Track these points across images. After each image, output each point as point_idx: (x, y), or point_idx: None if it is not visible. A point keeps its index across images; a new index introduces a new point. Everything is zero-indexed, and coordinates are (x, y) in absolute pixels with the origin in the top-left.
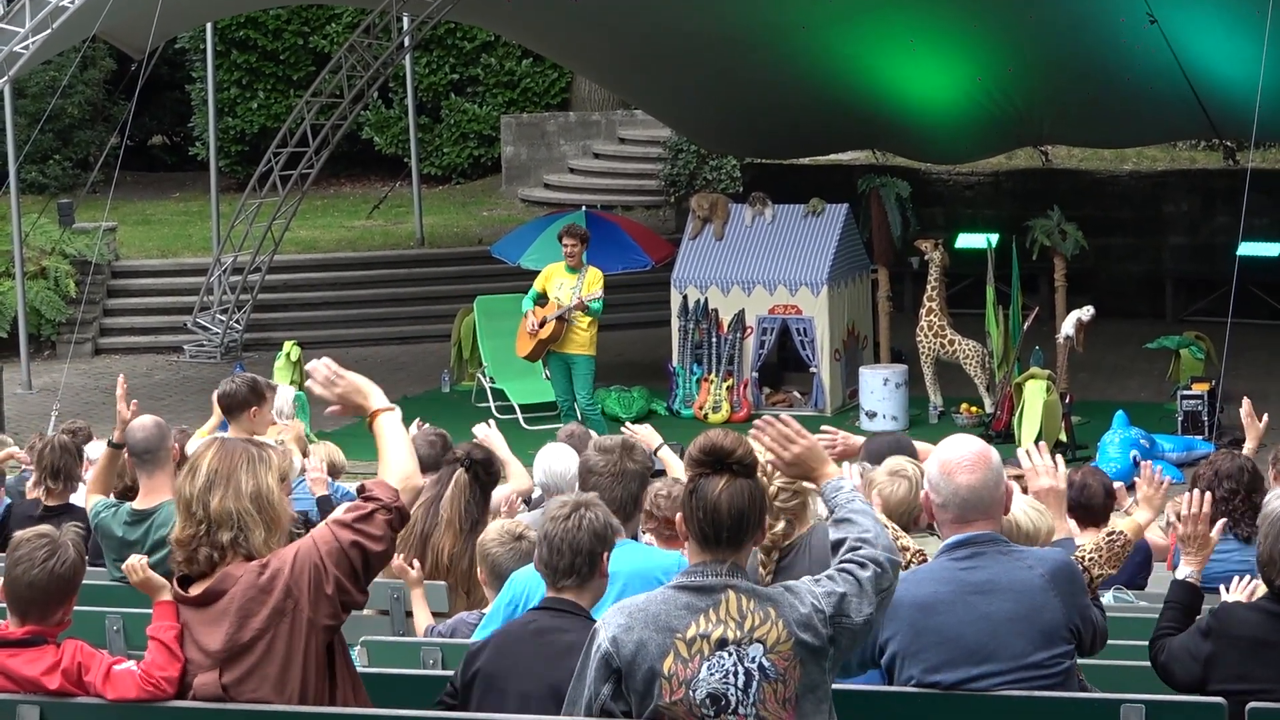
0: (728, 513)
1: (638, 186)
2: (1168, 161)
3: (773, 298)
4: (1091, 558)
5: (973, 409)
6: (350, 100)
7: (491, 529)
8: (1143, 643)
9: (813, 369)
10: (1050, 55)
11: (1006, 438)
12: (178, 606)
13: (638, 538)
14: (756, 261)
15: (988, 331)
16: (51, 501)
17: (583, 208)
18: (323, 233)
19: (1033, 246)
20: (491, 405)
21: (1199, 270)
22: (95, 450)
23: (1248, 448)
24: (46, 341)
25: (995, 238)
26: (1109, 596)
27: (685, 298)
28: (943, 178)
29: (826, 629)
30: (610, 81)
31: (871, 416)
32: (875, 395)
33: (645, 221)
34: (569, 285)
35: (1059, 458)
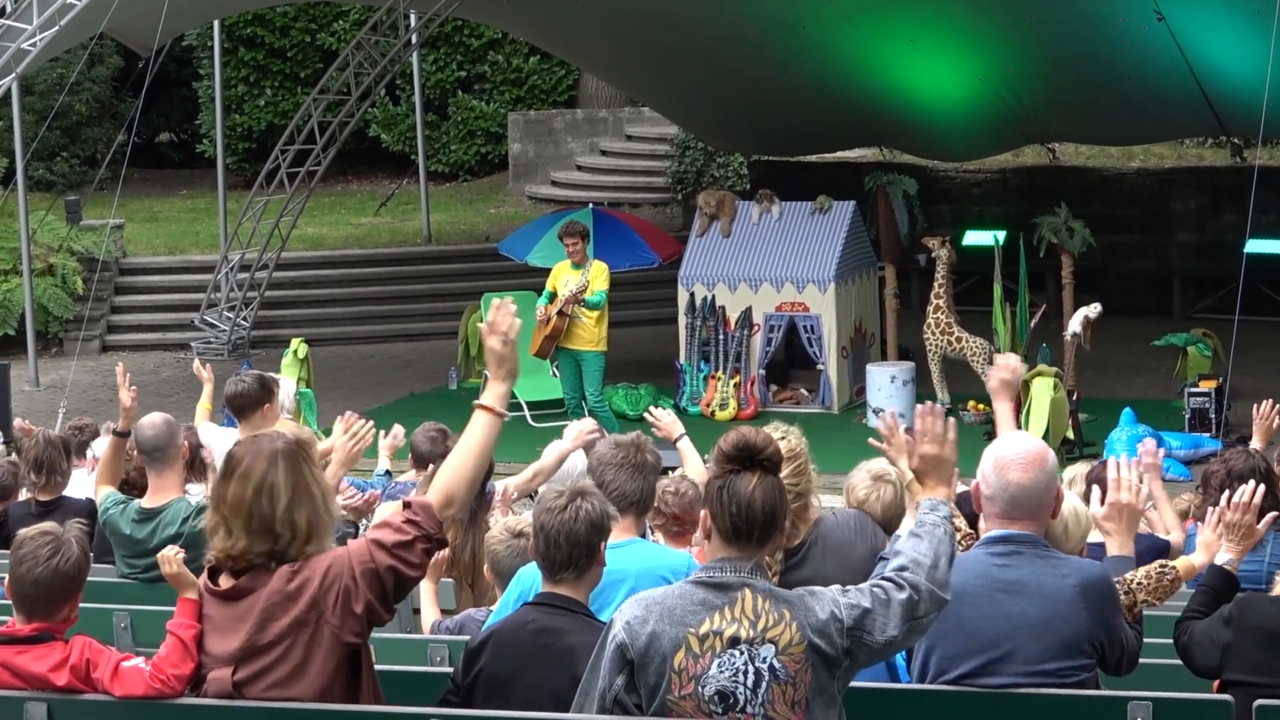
0: (761, 509)
1: (645, 184)
2: (1175, 159)
3: (780, 295)
4: (1140, 583)
5: (980, 406)
6: (357, 97)
7: (495, 527)
8: (1150, 640)
9: (820, 366)
10: (1058, 53)
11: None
12: (201, 603)
13: (646, 534)
14: (764, 259)
15: (995, 329)
16: (44, 496)
17: (590, 205)
18: (330, 230)
19: (1040, 244)
20: None
21: (1206, 267)
22: (102, 447)
23: (1255, 444)
24: (54, 339)
25: (1002, 235)
26: None
27: (692, 295)
28: (950, 175)
29: (843, 639)
30: (617, 79)
31: (879, 413)
32: (882, 392)
33: (652, 219)
34: (575, 282)
35: (1149, 480)
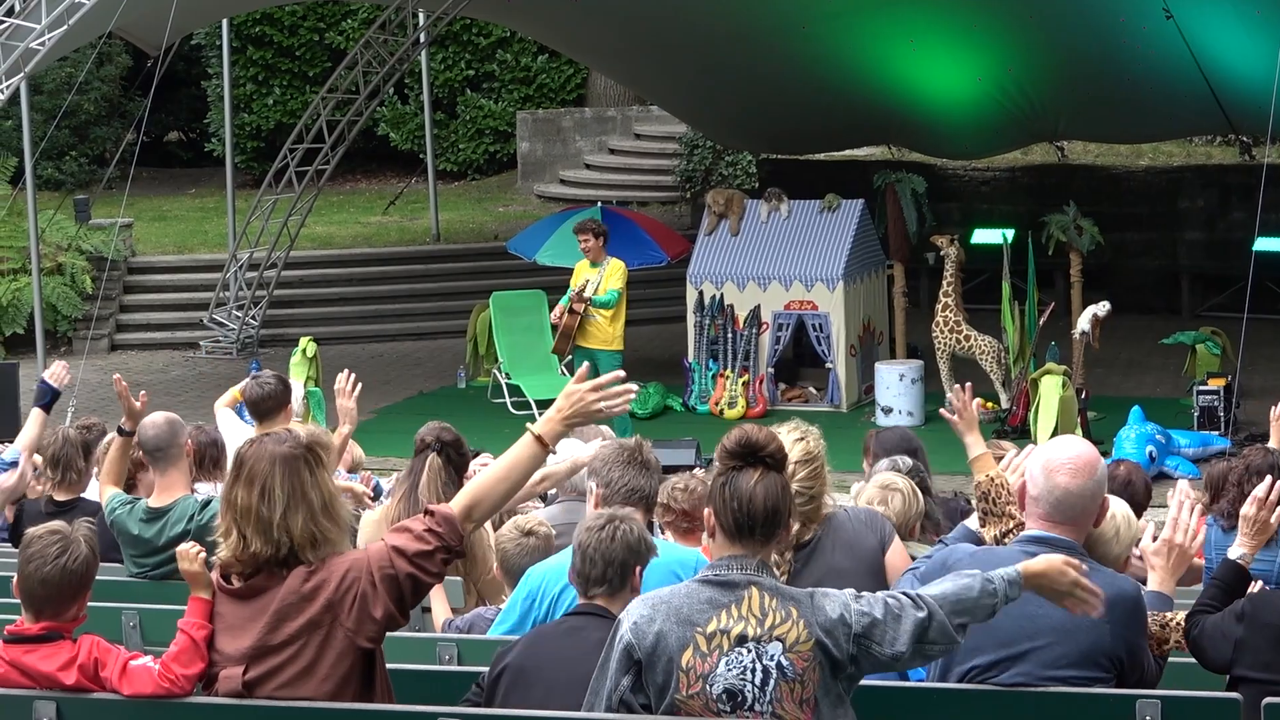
0: (762, 505)
1: (653, 182)
2: (1184, 157)
3: (788, 293)
4: (1180, 624)
5: (989, 404)
6: (366, 96)
7: (506, 525)
8: None
9: (828, 365)
10: (1065, 51)
11: (1022, 433)
12: (213, 603)
13: (652, 532)
14: (772, 257)
15: (1003, 327)
16: (61, 496)
17: (598, 204)
18: (338, 229)
19: (1048, 242)
20: (507, 401)
21: (1215, 266)
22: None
23: (1273, 444)
24: (63, 338)
25: (1011, 233)
26: None
27: (701, 293)
28: (959, 173)
29: (850, 645)
30: (626, 77)
31: (887, 412)
32: (891, 391)
33: (661, 217)
34: (592, 280)
35: (1203, 526)
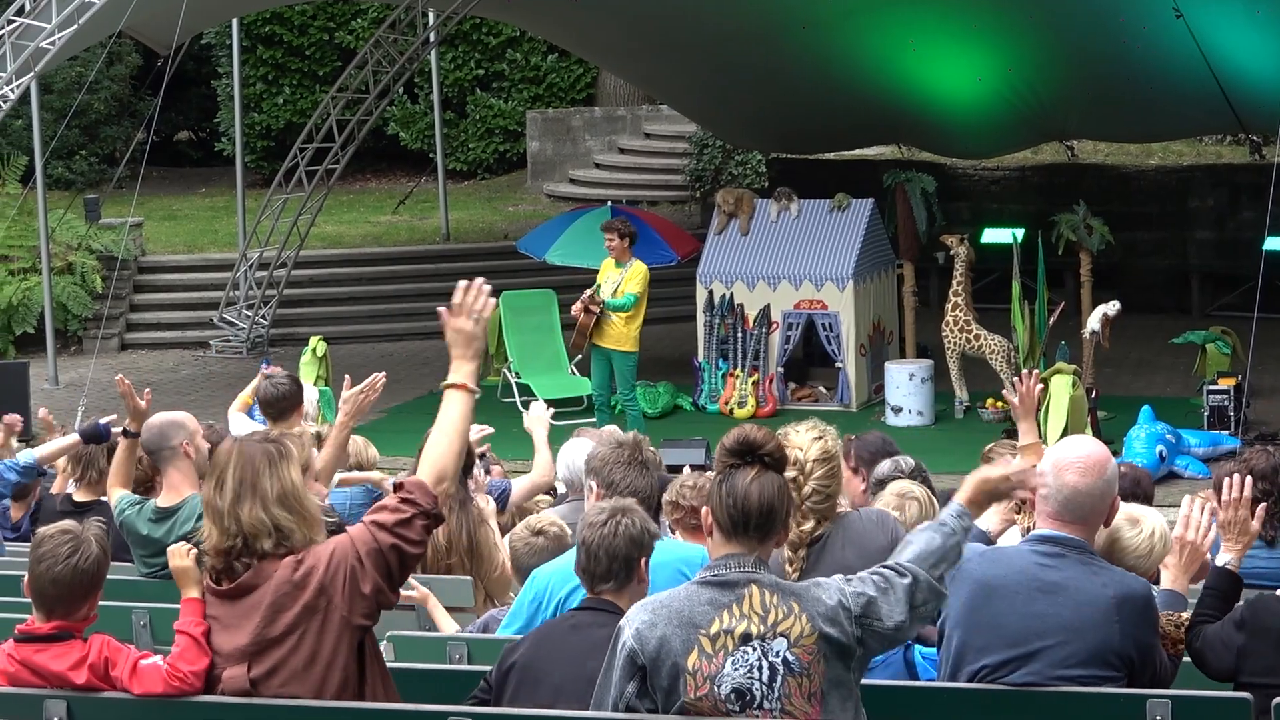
0: (757, 503)
1: (663, 182)
2: (1193, 156)
3: (798, 293)
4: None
5: (999, 404)
6: (376, 96)
7: (518, 525)
8: None
9: (838, 364)
10: (1074, 50)
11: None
12: (205, 602)
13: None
14: (782, 257)
15: (1013, 326)
16: (80, 496)
17: (608, 203)
18: (348, 228)
19: (1058, 241)
20: (517, 400)
21: (1225, 265)
22: None
23: None
24: (73, 337)
25: (1021, 233)
26: None
27: (711, 293)
28: (968, 173)
29: (853, 628)
30: (635, 77)
31: (897, 412)
32: (901, 390)
33: (671, 217)
34: (613, 280)
35: (1215, 526)
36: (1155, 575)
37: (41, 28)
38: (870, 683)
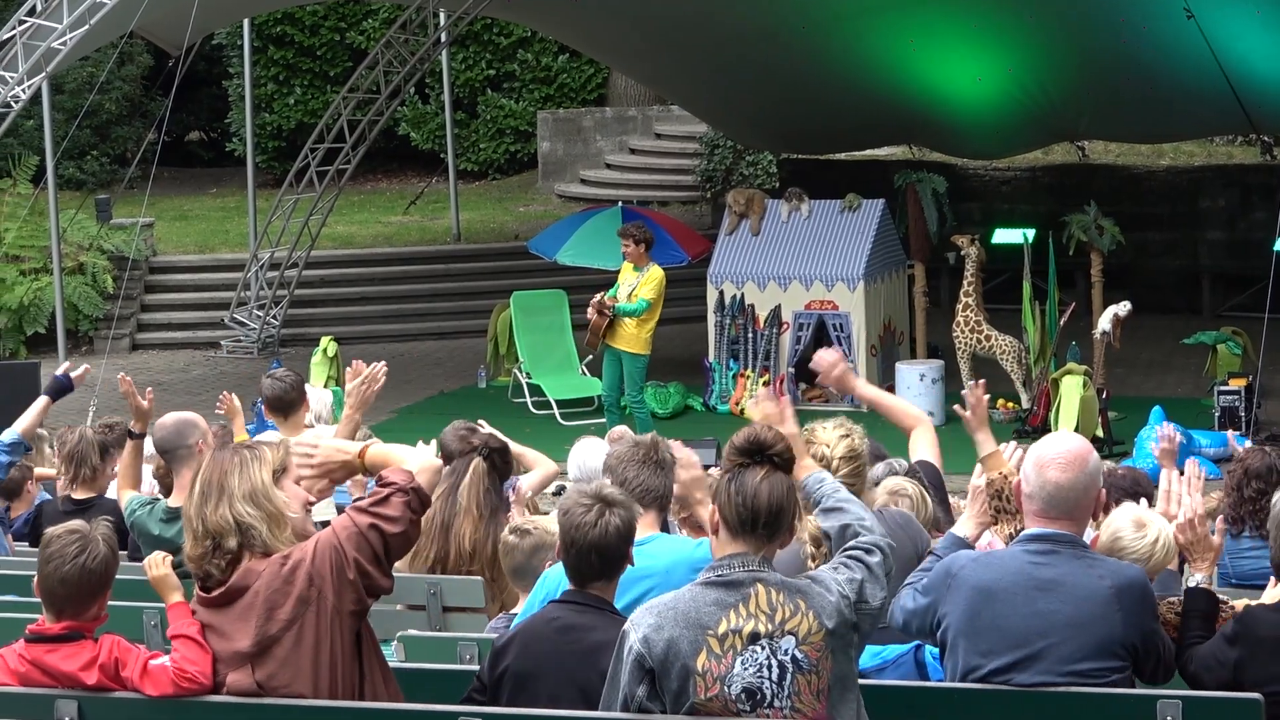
0: (766, 502)
1: (674, 182)
2: (1204, 157)
3: (809, 293)
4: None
5: (1009, 405)
6: (387, 96)
7: (505, 527)
8: None
9: (849, 365)
10: (1083, 50)
11: (1043, 433)
12: (188, 604)
13: (667, 528)
14: (793, 257)
15: (1024, 327)
16: (79, 494)
17: (619, 204)
18: (359, 228)
19: (1069, 242)
20: (528, 401)
21: (1236, 265)
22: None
23: None
24: (84, 337)
25: (1032, 233)
26: None
27: (721, 293)
28: (979, 173)
29: (852, 615)
30: (646, 77)
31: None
32: (912, 391)
33: (681, 217)
34: (629, 284)
35: (1200, 501)
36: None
37: (53, 28)
38: (880, 683)
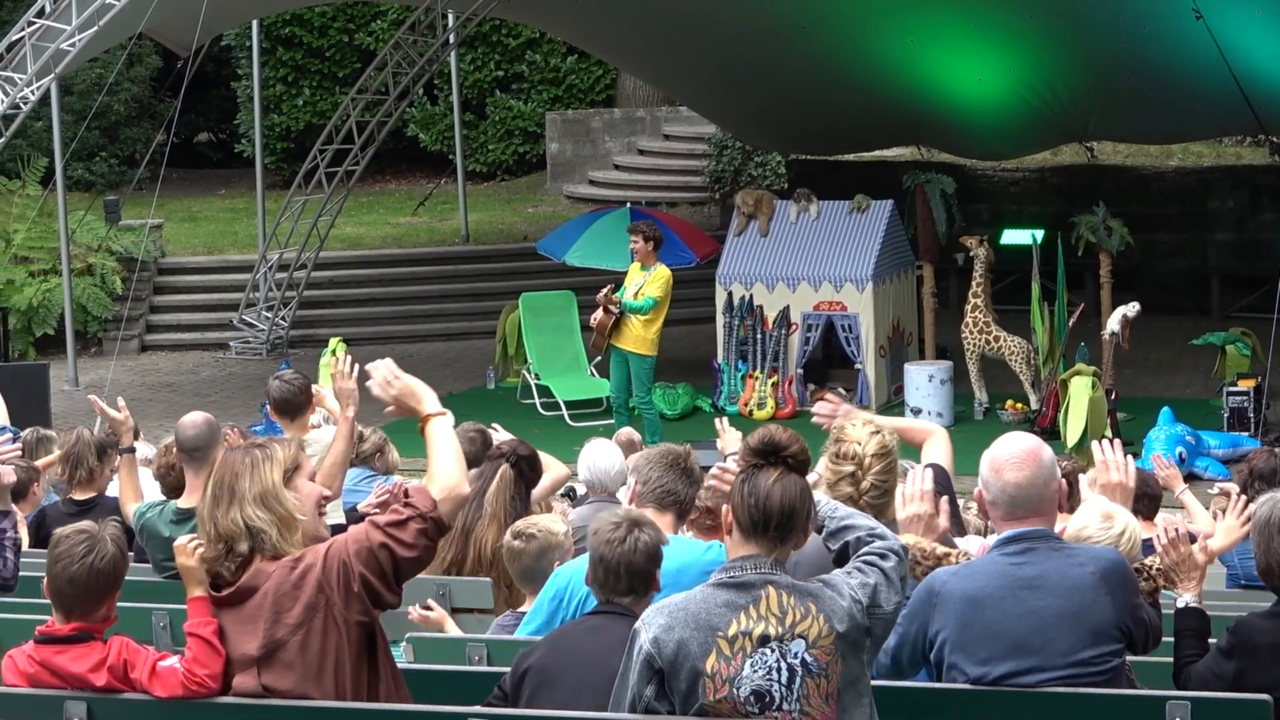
0: (779, 504)
1: (683, 183)
2: (1213, 157)
3: (818, 294)
4: (1160, 569)
5: (1018, 405)
6: (395, 97)
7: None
8: None
9: (858, 365)
10: (1090, 51)
11: (1052, 434)
12: (209, 600)
13: (677, 531)
14: (801, 258)
15: (1033, 328)
16: (78, 495)
17: (628, 204)
18: (368, 230)
19: (1078, 243)
20: (537, 402)
21: (1245, 266)
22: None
23: None
24: (93, 338)
25: (1040, 234)
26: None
27: (730, 294)
28: (988, 174)
29: (864, 619)
30: (655, 78)
31: (917, 413)
32: (920, 392)
33: (690, 218)
34: (635, 283)
35: (1130, 457)
36: None
37: (62, 29)
38: (891, 684)
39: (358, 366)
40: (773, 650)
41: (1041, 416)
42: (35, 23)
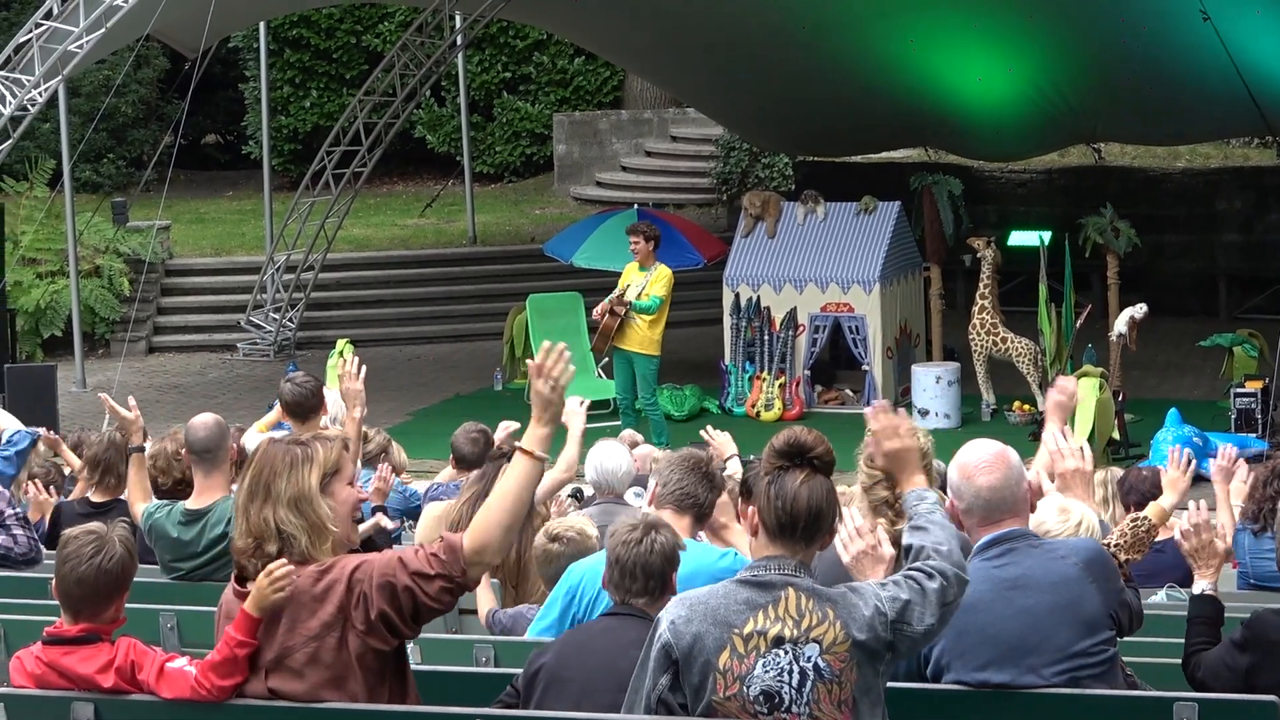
0: (806, 506)
1: (690, 185)
2: (1221, 159)
3: (825, 295)
4: (1117, 543)
5: (1025, 407)
6: (403, 99)
7: (539, 533)
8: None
9: (865, 367)
10: (1096, 51)
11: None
12: (259, 621)
13: (695, 535)
14: (809, 259)
15: (1040, 329)
16: (98, 497)
17: (635, 206)
18: (375, 231)
19: (1085, 244)
20: None
21: (1252, 268)
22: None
23: None
24: (100, 340)
25: (1048, 235)
26: (1162, 594)
27: (737, 296)
28: (995, 175)
29: (886, 633)
30: (662, 79)
31: (924, 414)
32: (928, 393)
33: (697, 220)
34: (638, 284)
35: (1085, 443)
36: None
37: (69, 31)
38: (896, 686)
39: (364, 368)
40: (786, 652)
41: None
42: (43, 24)
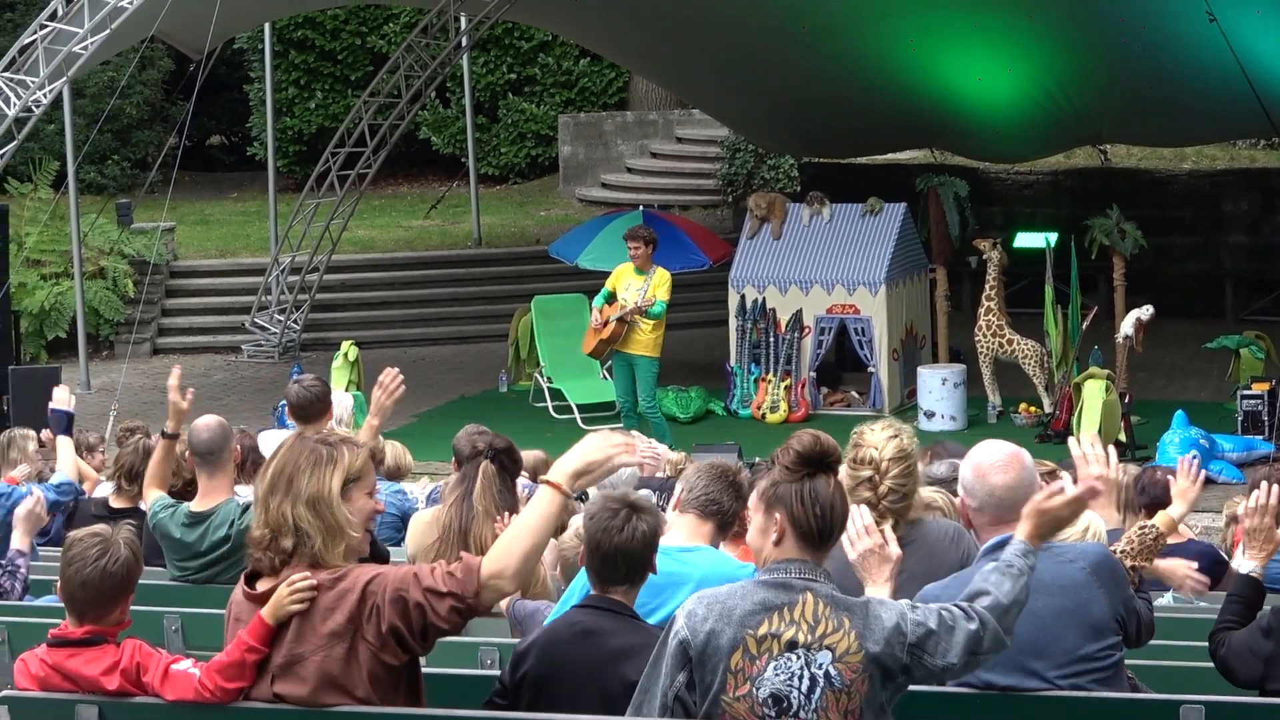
0: (839, 512)
1: (695, 186)
2: (1227, 160)
3: (830, 297)
4: (1124, 550)
5: (1031, 409)
6: (408, 100)
7: (568, 531)
8: (1202, 644)
9: (871, 369)
10: (1102, 53)
11: (1065, 437)
12: (274, 630)
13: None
14: (814, 261)
15: (1046, 331)
16: (119, 504)
17: (640, 207)
18: (380, 233)
19: (1091, 246)
20: (549, 405)
21: (1259, 269)
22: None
23: None
24: (105, 341)
25: (1054, 237)
26: (1168, 597)
27: (743, 297)
28: (1001, 177)
29: (904, 655)
30: (668, 81)
31: (930, 416)
32: (934, 395)
33: (703, 221)
34: (636, 286)
35: (1111, 449)
36: None
37: (74, 32)
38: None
39: (402, 388)
40: (798, 656)
41: (1055, 420)
42: (47, 26)
